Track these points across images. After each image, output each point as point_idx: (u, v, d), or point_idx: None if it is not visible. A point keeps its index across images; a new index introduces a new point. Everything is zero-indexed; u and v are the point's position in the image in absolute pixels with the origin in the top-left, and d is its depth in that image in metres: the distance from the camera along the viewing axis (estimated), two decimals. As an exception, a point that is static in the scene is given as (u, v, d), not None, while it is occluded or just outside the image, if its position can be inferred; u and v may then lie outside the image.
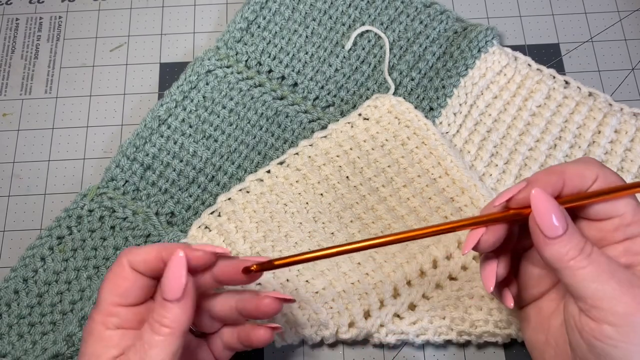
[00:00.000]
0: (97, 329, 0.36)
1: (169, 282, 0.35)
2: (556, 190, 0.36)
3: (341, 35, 0.61)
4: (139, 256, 0.37)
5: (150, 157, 0.55)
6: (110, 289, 0.37)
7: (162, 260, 0.37)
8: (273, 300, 0.39)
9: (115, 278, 0.37)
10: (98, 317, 0.36)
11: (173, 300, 0.35)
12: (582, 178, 0.36)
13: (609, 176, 0.37)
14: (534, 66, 0.58)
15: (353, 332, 0.48)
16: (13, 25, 0.64)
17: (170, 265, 0.35)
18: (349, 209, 0.52)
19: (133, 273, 0.37)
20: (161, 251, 0.37)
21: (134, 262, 0.37)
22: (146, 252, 0.37)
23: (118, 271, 0.37)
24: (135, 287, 0.37)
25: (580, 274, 0.34)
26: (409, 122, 0.55)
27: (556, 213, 0.35)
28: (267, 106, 0.58)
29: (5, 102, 0.61)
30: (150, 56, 0.62)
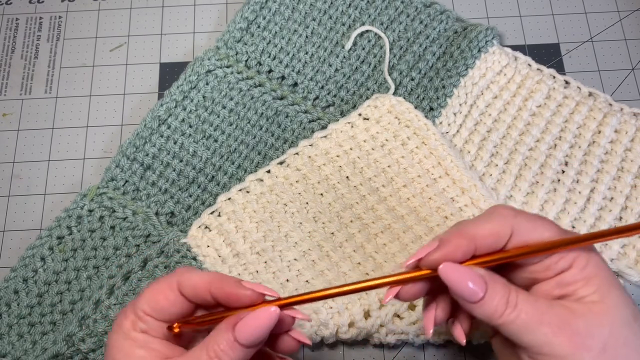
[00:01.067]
0: (126, 326, 0.36)
1: (251, 330, 0.34)
2: (467, 254, 0.35)
3: (341, 35, 0.61)
4: (190, 281, 0.36)
5: (150, 157, 0.55)
6: (149, 299, 0.36)
7: (209, 292, 0.36)
8: (293, 340, 0.37)
9: (157, 292, 0.36)
10: (130, 315, 0.36)
11: (245, 345, 0.34)
12: (496, 238, 0.35)
13: (524, 227, 0.35)
14: (534, 66, 0.58)
15: (353, 332, 0.48)
16: (13, 25, 0.64)
17: (260, 316, 0.34)
18: (349, 209, 0.52)
19: (176, 295, 0.36)
20: (212, 284, 0.36)
21: (183, 285, 0.36)
22: (198, 279, 0.36)
23: (163, 288, 0.36)
24: (173, 309, 0.36)
25: (512, 328, 0.34)
26: (409, 122, 0.55)
27: (471, 279, 0.34)
28: (267, 106, 0.58)
29: (5, 102, 0.61)
30: (150, 56, 0.62)
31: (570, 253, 0.35)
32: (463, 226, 0.36)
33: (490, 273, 0.35)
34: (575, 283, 0.35)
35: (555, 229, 0.35)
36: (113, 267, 0.51)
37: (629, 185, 0.54)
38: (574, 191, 0.54)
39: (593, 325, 0.34)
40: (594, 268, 0.35)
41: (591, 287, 0.34)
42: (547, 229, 0.35)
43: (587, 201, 0.53)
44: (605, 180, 0.54)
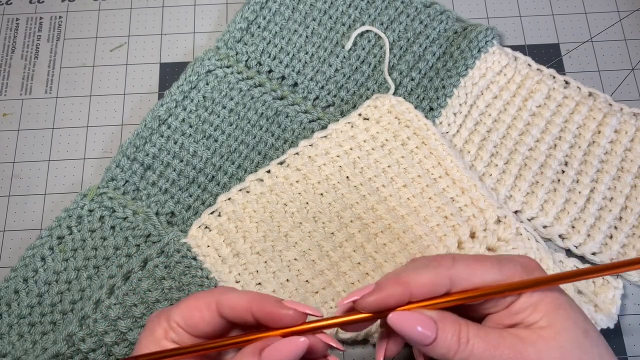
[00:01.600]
0: (158, 334, 0.36)
1: (277, 357, 0.34)
2: (401, 302, 0.35)
3: (341, 35, 0.61)
4: (229, 301, 0.36)
5: (151, 157, 0.55)
6: (184, 314, 0.36)
7: (249, 312, 0.36)
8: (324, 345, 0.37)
9: (194, 309, 0.36)
10: (163, 323, 0.36)
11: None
12: (432, 287, 0.35)
13: (463, 274, 0.35)
14: (534, 66, 0.58)
15: (353, 333, 0.48)
16: (13, 25, 0.64)
17: (289, 346, 0.34)
18: (349, 209, 0.52)
19: (213, 315, 0.36)
20: (252, 302, 0.36)
21: (222, 305, 0.36)
22: (236, 299, 0.36)
23: (201, 305, 0.36)
24: (207, 328, 0.36)
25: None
26: (409, 122, 0.55)
27: (420, 323, 0.34)
28: (267, 106, 0.58)
29: (5, 102, 0.61)
30: (150, 56, 0.62)
31: (515, 280, 0.35)
32: (401, 272, 0.36)
33: (440, 312, 0.35)
34: (524, 311, 0.35)
35: (495, 270, 0.36)
36: (113, 267, 0.51)
37: (629, 185, 0.54)
38: (573, 191, 0.54)
39: (543, 352, 0.34)
40: (540, 293, 0.35)
41: (539, 312, 0.35)
42: (486, 272, 0.35)
43: (587, 201, 0.53)
44: (605, 180, 0.54)
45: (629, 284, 0.51)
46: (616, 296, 0.49)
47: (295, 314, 0.35)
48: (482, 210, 0.51)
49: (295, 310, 0.35)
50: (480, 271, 0.35)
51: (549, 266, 0.49)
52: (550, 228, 0.53)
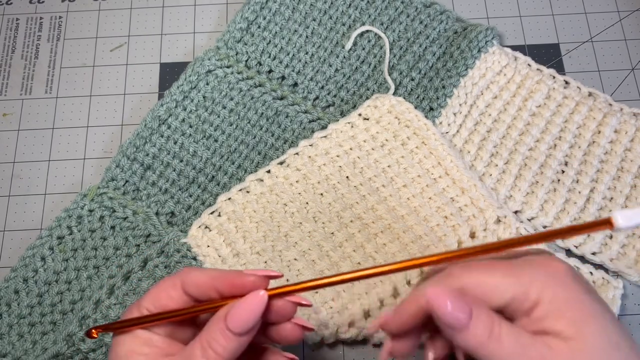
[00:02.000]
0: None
1: (241, 317, 0.34)
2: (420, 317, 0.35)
3: (341, 35, 0.61)
4: (193, 279, 0.36)
5: (151, 157, 0.55)
6: (153, 298, 0.37)
7: (215, 288, 0.36)
8: (295, 327, 0.37)
9: (161, 291, 0.37)
10: (135, 312, 0.37)
11: (238, 334, 0.34)
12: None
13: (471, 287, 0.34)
14: (534, 66, 0.58)
15: (353, 332, 0.48)
16: (13, 25, 0.64)
17: (249, 301, 0.34)
18: (349, 209, 0.52)
19: (180, 294, 0.36)
20: (216, 279, 0.36)
21: (187, 283, 0.36)
22: (200, 276, 0.36)
23: (166, 287, 0.37)
24: (176, 306, 0.36)
25: (495, 357, 0.33)
26: (409, 122, 0.55)
27: (457, 305, 0.33)
28: (267, 106, 0.58)
29: (5, 102, 0.61)
30: (150, 56, 0.62)
31: (533, 287, 0.34)
32: (417, 293, 0.35)
33: (476, 300, 0.34)
34: (547, 318, 0.33)
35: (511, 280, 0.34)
36: (113, 267, 0.51)
37: (629, 185, 0.54)
38: (573, 191, 0.54)
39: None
40: (563, 301, 0.33)
41: (564, 321, 0.33)
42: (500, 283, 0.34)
43: (587, 201, 0.53)
44: (605, 180, 0.54)
45: (629, 284, 0.51)
46: (616, 296, 0.49)
47: (256, 279, 0.35)
48: (482, 210, 0.51)
49: (256, 275, 0.35)
50: (492, 282, 0.34)
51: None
52: (550, 228, 0.53)
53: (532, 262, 0.35)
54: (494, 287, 0.34)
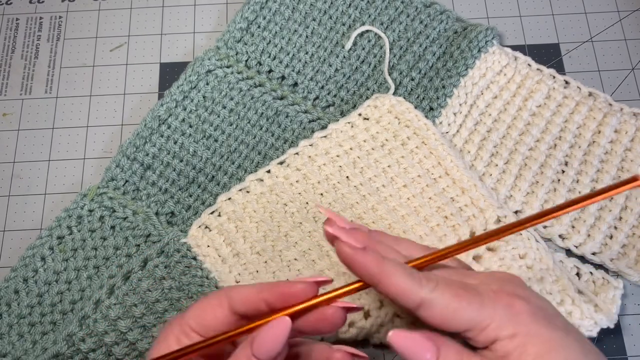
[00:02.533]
0: (171, 340, 0.36)
1: (266, 344, 0.33)
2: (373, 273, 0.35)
3: (341, 35, 0.61)
4: (240, 294, 0.35)
5: (150, 157, 0.55)
6: (197, 314, 0.36)
7: (264, 300, 0.35)
8: (337, 310, 0.36)
9: (205, 310, 0.36)
10: (177, 328, 0.36)
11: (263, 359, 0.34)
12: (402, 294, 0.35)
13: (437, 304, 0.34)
14: (534, 66, 0.58)
15: (353, 332, 0.48)
16: (13, 25, 0.64)
17: (274, 328, 0.34)
18: (349, 209, 0.52)
19: (225, 313, 0.36)
20: (263, 291, 0.35)
21: (234, 299, 0.35)
22: (248, 291, 0.35)
23: (213, 305, 0.36)
24: (220, 327, 0.36)
25: None
26: (409, 122, 0.55)
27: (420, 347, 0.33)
28: (267, 106, 0.58)
29: (5, 102, 0.61)
30: (150, 56, 0.62)
31: (493, 322, 0.34)
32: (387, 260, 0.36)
33: (443, 337, 0.35)
34: (512, 354, 0.34)
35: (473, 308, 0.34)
36: (113, 267, 0.51)
37: (629, 185, 0.53)
38: (574, 191, 0.54)
39: None
40: (526, 337, 0.34)
41: (529, 357, 0.33)
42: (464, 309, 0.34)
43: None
44: (606, 180, 0.54)
45: (629, 283, 0.51)
46: (616, 296, 0.49)
47: (306, 286, 0.35)
48: (482, 210, 0.51)
49: (305, 282, 0.35)
50: (457, 308, 0.34)
51: (549, 266, 0.49)
52: (550, 228, 0.53)
53: (496, 297, 0.35)
54: (455, 311, 0.34)
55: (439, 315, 0.34)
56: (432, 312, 0.34)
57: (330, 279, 0.36)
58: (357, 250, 0.35)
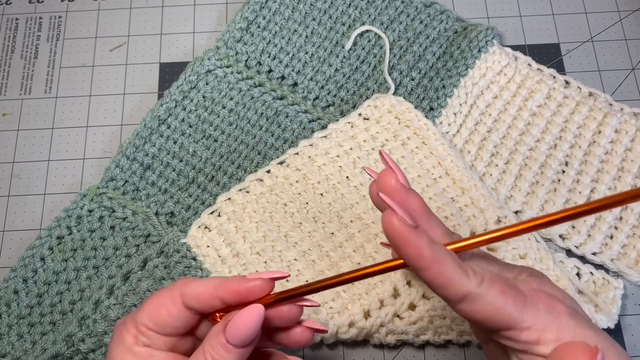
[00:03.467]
0: (128, 341, 0.35)
1: (240, 331, 0.33)
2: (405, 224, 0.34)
3: (341, 35, 0.61)
4: (194, 291, 0.35)
5: (150, 157, 0.55)
6: (150, 313, 0.35)
7: (218, 297, 0.35)
8: (305, 330, 0.37)
9: (159, 307, 0.35)
10: (132, 329, 0.35)
11: (237, 346, 0.34)
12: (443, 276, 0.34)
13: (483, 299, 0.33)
14: (534, 66, 0.58)
15: (353, 332, 0.48)
16: (13, 25, 0.64)
17: (246, 315, 0.34)
18: (349, 209, 0.52)
19: (180, 309, 0.35)
20: (218, 288, 0.35)
21: (187, 296, 0.35)
22: (201, 287, 0.35)
23: (165, 302, 0.35)
24: (176, 322, 0.35)
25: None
26: (409, 122, 0.55)
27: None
28: (267, 106, 0.58)
29: (5, 102, 0.60)
30: (150, 56, 0.62)
31: (532, 325, 0.33)
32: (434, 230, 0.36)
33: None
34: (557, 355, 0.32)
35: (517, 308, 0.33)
36: (113, 267, 0.51)
37: (629, 185, 0.53)
38: (574, 191, 0.54)
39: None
40: (568, 342, 0.33)
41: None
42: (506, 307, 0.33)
43: (588, 201, 0.53)
44: (606, 180, 0.54)
45: (630, 284, 0.51)
46: (617, 296, 0.49)
47: (262, 283, 0.34)
48: (483, 211, 0.51)
49: (261, 278, 0.35)
50: (503, 305, 0.33)
51: (549, 266, 0.49)
52: (551, 228, 0.53)
53: (537, 296, 0.34)
54: (500, 309, 0.33)
55: (482, 311, 0.33)
56: (476, 307, 0.33)
57: (288, 274, 0.36)
58: (411, 228, 0.33)
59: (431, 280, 0.33)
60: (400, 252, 0.34)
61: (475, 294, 0.33)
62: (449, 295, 0.34)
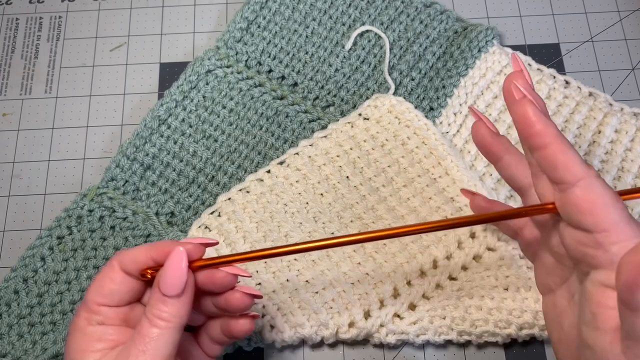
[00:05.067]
0: (80, 324, 0.37)
1: (169, 278, 0.35)
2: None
3: (341, 35, 0.61)
4: (129, 255, 0.37)
5: (150, 157, 0.55)
6: (96, 288, 0.37)
7: (152, 259, 0.37)
8: (243, 295, 0.39)
9: (102, 278, 0.37)
10: (83, 313, 0.37)
11: (173, 296, 0.35)
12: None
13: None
14: (534, 66, 0.58)
15: (353, 332, 0.48)
16: (13, 25, 0.64)
17: (170, 261, 0.36)
18: (349, 209, 0.52)
19: (121, 275, 0.37)
20: (150, 250, 0.37)
21: (124, 262, 0.37)
22: (136, 252, 0.37)
23: (106, 272, 0.37)
24: (121, 290, 0.37)
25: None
26: (409, 122, 0.55)
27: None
28: (267, 106, 0.58)
29: (5, 102, 0.60)
30: (150, 56, 0.62)
31: (625, 240, 0.32)
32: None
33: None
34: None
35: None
36: (113, 267, 0.51)
37: (630, 185, 0.53)
38: (574, 191, 0.54)
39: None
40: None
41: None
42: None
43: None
44: (606, 180, 0.54)
45: (630, 284, 0.51)
46: (616, 296, 0.49)
47: (192, 247, 0.37)
48: (483, 210, 0.51)
49: (191, 243, 0.37)
50: (612, 202, 0.33)
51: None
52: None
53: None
54: (608, 205, 0.33)
55: (591, 200, 0.33)
56: (586, 195, 0.33)
57: (215, 242, 0.38)
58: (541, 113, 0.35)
59: (551, 159, 0.34)
60: (517, 120, 0.36)
61: (591, 180, 0.33)
62: (562, 176, 0.34)
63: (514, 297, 0.48)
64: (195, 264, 0.37)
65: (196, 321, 0.42)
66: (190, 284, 0.36)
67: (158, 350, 0.35)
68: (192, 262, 0.37)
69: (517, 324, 0.47)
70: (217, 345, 0.42)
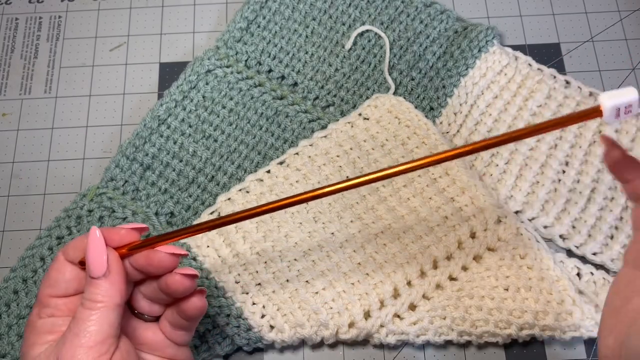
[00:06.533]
0: (32, 320, 0.38)
1: (91, 259, 0.36)
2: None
3: (341, 34, 0.60)
4: (70, 245, 0.38)
5: (150, 157, 0.55)
6: (44, 281, 0.38)
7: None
8: (182, 277, 0.39)
9: (50, 270, 0.38)
10: (35, 309, 0.38)
11: (99, 276, 0.36)
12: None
13: None
14: (535, 66, 0.58)
15: (353, 333, 0.48)
16: (13, 25, 0.64)
17: (89, 243, 0.37)
18: (349, 209, 0.52)
19: (65, 264, 0.38)
20: (85, 236, 0.38)
21: (67, 252, 0.38)
22: (76, 240, 0.38)
23: (52, 263, 0.38)
24: (66, 278, 0.38)
25: None
26: (409, 121, 0.55)
27: None
28: (267, 106, 0.58)
29: (5, 102, 0.60)
30: (150, 56, 0.62)
31: None
32: None
33: None
34: None
35: None
36: (113, 267, 0.51)
37: (630, 185, 0.53)
38: (574, 191, 0.54)
39: None
40: None
41: None
42: None
43: (588, 201, 0.53)
44: (606, 180, 0.53)
45: (630, 284, 0.51)
46: (617, 296, 0.49)
47: (126, 232, 0.38)
48: (483, 210, 0.51)
49: (124, 228, 0.38)
50: None
51: (550, 266, 0.49)
52: (551, 228, 0.53)
53: None
54: None
55: None
56: None
57: (145, 227, 0.39)
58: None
59: None
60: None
61: None
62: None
63: (514, 298, 0.48)
64: (128, 247, 0.38)
65: (155, 311, 0.42)
66: (115, 262, 0.37)
67: (91, 332, 0.35)
68: (125, 246, 0.38)
69: (518, 324, 0.47)
70: (181, 330, 0.42)
